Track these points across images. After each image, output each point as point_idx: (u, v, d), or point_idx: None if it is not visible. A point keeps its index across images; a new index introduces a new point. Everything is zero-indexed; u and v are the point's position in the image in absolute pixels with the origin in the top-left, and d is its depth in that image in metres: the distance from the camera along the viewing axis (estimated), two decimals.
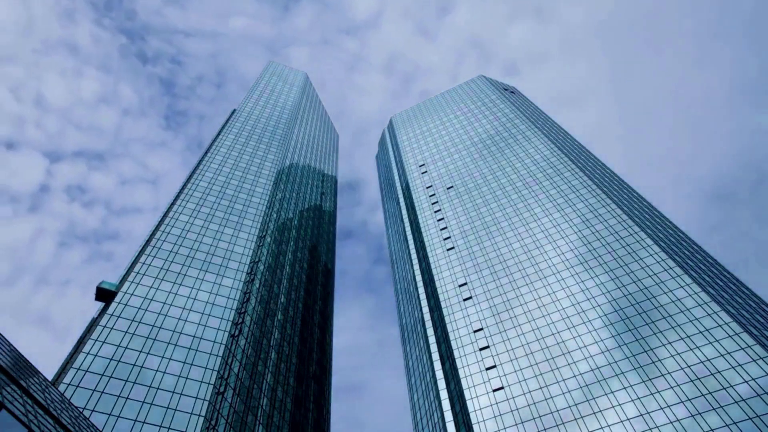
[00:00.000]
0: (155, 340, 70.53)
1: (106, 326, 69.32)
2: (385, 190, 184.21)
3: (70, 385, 59.77)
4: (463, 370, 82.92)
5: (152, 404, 61.85)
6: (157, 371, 66.17)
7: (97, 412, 58.09)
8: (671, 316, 74.89)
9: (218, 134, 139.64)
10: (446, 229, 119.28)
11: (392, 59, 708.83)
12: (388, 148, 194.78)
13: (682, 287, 78.15)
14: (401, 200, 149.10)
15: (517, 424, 71.55)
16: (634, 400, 67.18)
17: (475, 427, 73.37)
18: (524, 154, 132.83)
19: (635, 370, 70.57)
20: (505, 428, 71.70)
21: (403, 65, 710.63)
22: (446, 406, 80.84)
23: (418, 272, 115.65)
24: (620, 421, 65.71)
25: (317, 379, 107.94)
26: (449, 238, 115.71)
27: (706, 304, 73.99)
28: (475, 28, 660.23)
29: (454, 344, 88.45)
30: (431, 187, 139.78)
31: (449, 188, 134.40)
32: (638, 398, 67.07)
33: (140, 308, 74.41)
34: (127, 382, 63.13)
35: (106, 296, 75.39)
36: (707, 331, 70.40)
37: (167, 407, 62.18)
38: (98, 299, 75.60)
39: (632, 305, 79.40)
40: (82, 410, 56.38)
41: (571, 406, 70.55)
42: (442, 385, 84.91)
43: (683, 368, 67.62)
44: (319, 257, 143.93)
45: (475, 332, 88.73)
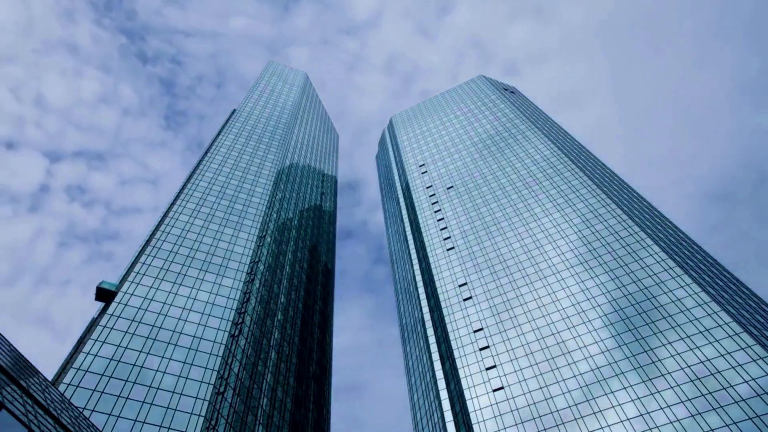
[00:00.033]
0: (155, 340, 70.54)
1: (106, 326, 69.32)
2: (385, 190, 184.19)
3: (70, 385, 59.77)
4: (463, 370, 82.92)
5: (152, 404, 61.86)
6: (157, 371, 66.18)
7: (97, 412, 58.10)
8: (671, 316, 74.89)
9: (218, 134, 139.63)
10: (446, 229, 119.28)
11: (392, 59, 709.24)
12: (388, 148, 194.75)
13: (682, 287, 78.15)
14: (401, 200, 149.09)
15: (517, 424, 71.55)
16: (634, 400, 67.18)
17: (475, 427, 73.36)
18: (524, 154, 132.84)
19: (635, 370, 70.56)
20: (505, 428, 71.69)
21: (403, 65, 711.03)
22: (446, 406, 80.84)
23: (418, 272, 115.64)
24: (620, 421, 65.71)
25: (317, 379, 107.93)
26: (449, 238, 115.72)
27: (706, 304, 73.99)
28: (475, 28, 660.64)
29: (454, 344, 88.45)
30: (431, 187, 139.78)
31: (449, 188, 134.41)
32: (638, 398, 67.07)
33: (140, 308, 74.41)
34: (127, 382, 63.14)
35: (106, 296, 75.51)
36: (707, 331, 70.41)
37: (167, 407, 62.18)
38: (98, 299, 75.57)
39: (632, 305, 79.40)
40: (82, 410, 56.37)
41: (571, 406, 70.55)
42: (442, 385, 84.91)
43: (683, 368, 67.63)
44: (319, 257, 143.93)
45: (475, 332, 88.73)
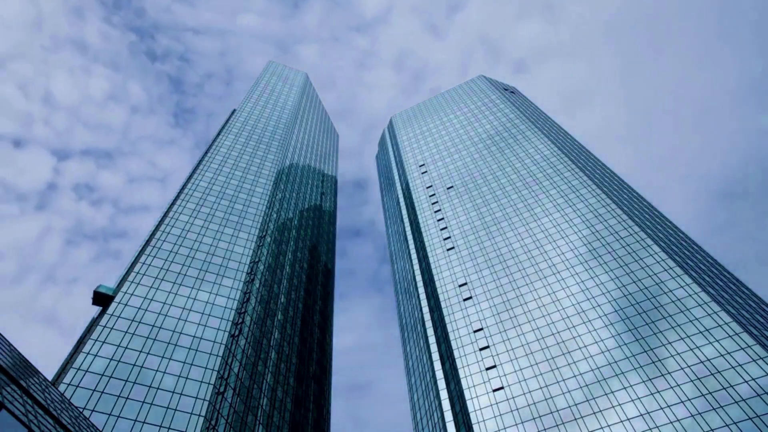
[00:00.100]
0: (155, 340, 70.50)
1: (106, 326, 69.30)
2: (385, 189, 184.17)
3: (70, 385, 59.75)
4: (463, 370, 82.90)
5: (152, 404, 61.84)
6: (157, 371, 66.15)
7: (97, 412, 58.08)
8: (671, 316, 74.88)
9: (218, 134, 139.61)
10: (446, 229, 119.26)
11: (402, 56, 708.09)
12: (388, 147, 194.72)
13: (682, 287, 78.14)
14: (401, 200, 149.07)
15: (517, 424, 71.53)
16: (634, 400, 67.17)
17: (475, 427, 73.34)
18: (524, 154, 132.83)
19: (635, 370, 70.55)
20: (505, 428, 71.67)
21: (412, 62, 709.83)
22: (446, 406, 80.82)
23: (418, 272, 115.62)
24: (620, 421, 65.70)
25: (317, 379, 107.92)
26: (449, 238, 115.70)
27: (706, 304, 73.98)
28: (484, 25, 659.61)
29: (454, 344, 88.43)
30: (431, 187, 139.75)
31: (449, 188, 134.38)
32: (638, 398, 67.06)
33: (140, 308, 74.36)
34: (127, 382, 63.11)
35: (103, 300, 74.55)
36: (707, 331, 70.39)
37: (167, 407, 62.16)
38: (95, 303, 74.22)
39: (632, 305, 79.39)
40: (82, 410, 56.36)
41: (571, 406, 70.53)
42: (442, 385, 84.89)
43: (683, 368, 67.61)
44: (319, 257, 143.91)
45: (475, 332, 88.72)
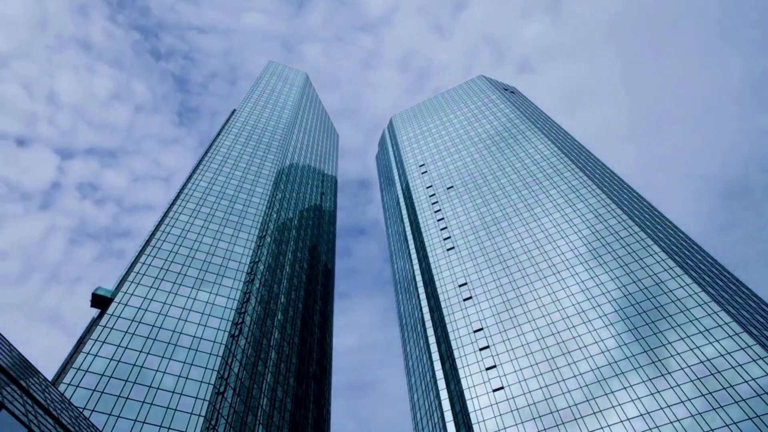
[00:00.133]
0: (155, 340, 70.50)
1: (106, 326, 69.29)
2: (385, 189, 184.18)
3: (70, 385, 59.75)
4: (463, 370, 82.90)
5: (152, 404, 61.84)
6: (157, 371, 66.15)
7: (97, 412, 58.08)
8: (671, 316, 74.88)
9: (218, 134, 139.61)
10: (446, 229, 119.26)
11: (406, 56, 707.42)
12: (387, 147, 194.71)
13: (682, 287, 78.13)
14: (401, 200, 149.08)
15: (517, 424, 71.53)
16: (634, 400, 67.16)
17: (475, 427, 73.34)
18: (524, 154, 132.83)
19: (635, 370, 70.55)
20: (505, 428, 71.67)
21: (417, 62, 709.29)
22: (446, 406, 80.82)
23: (418, 272, 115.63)
24: (620, 420, 65.70)
25: (317, 379, 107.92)
26: (449, 238, 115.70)
27: (706, 304, 73.97)
28: (489, 25, 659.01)
29: (454, 344, 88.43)
30: (431, 187, 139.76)
31: (449, 188, 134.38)
32: (638, 398, 67.06)
33: (140, 308, 74.35)
34: (127, 382, 63.11)
35: (101, 303, 73.99)
36: (707, 331, 70.39)
37: (167, 407, 62.16)
38: (94, 306, 73.58)
39: (632, 305, 79.39)
40: (82, 410, 56.36)
41: (571, 405, 70.53)
42: (442, 385, 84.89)
43: (683, 368, 67.61)
44: (319, 257, 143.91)
45: (475, 332, 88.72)
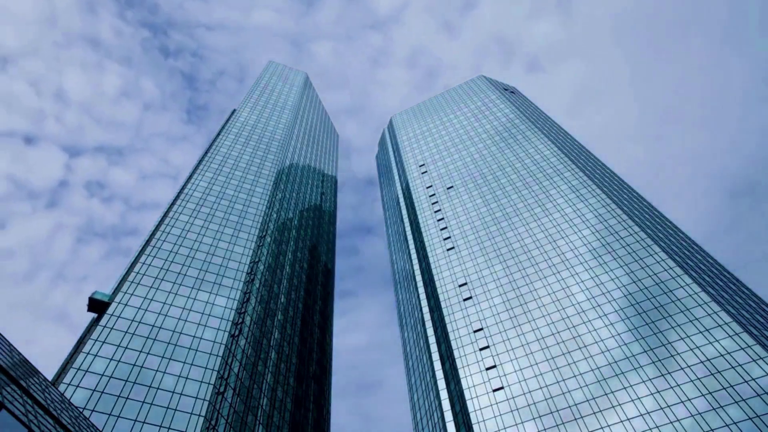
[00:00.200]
0: (155, 340, 70.51)
1: (106, 326, 69.30)
2: (385, 189, 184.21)
3: (70, 385, 59.76)
4: (463, 370, 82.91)
5: (152, 404, 61.84)
6: (157, 371, 66.16)
7: (97, 412, 58.09)
8: (671, 316, 74.88)
9: (218, 134, 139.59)
10: (446, 229, 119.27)
11: (415, 54, 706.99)
12: (388, 147, 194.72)
13: (682, 287, 78.14)
14: (401, 200, 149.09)
15: (517, 424, 71.54)
16: (634, 400, 67.18)
17: (475, 427, 73.35)
18: (524, 154, 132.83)
19: (635, 370, 70.56)
20: (505, 428, 71.68)
21: (426, 60, 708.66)
22: (446, 406, 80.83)
23: (418, 272, 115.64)
24: (621, 420, 65.72)
25: (317, 379, 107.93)
26: (449, 238, 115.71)
27: (706, 304, 73.98)
28: (497, 23, 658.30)
29: (454, 344, 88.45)
30: (431, 186, 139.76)
31: (449, 188, 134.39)
32: (639, 398, 67.08)
33: (140, 308, 74.35)
34: (127, 382, 63.12)
35: (99, 307, 73.24)
36: (707, 331, 70.39)
37: (167, 407, 62.17)
38: (90, 310, 72.75)
39: (632, 305, 79.41)
40: (82, 410, 56.36)
41: (571, 405, 70.55)
42: (442, 385, 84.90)
43: (683, 368, 67.62)
44: (319, 257, 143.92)
45: (475, 332, 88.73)
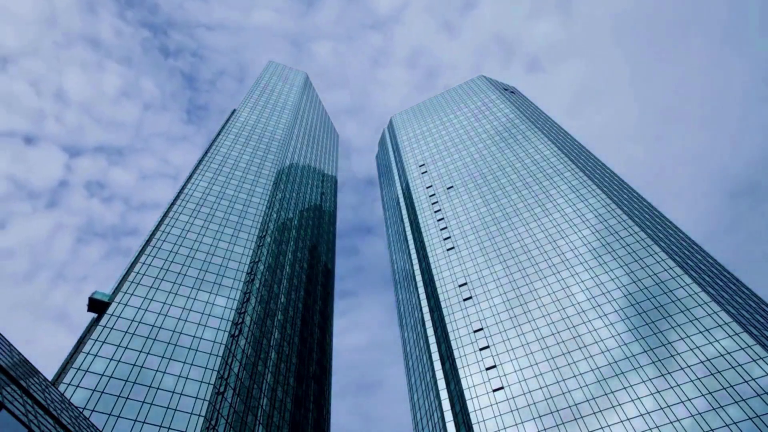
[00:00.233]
0: (155, 340, 70.51)
1: (106, 326, 69.30)
2: (385, 189, 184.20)
3: (70, 385, 59.76)
4: (463, 370, 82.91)
5: (152, 404, 61.84)
6: (157, 371, 66.16)
7: (97, 412, 58.09)
8: (671, 316, 74.89)
9: (218, 134, 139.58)
10: (446, 229, 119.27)
11: (415, 54, 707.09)
12: (388, 147, 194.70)
13: (682, 287, 78.14)
14: (401, 200, 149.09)
15: (517, 424, 71.55)
16: (634, 399, 67.19)
17: (475, 427, 73.35)
18: (524, 154, 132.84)
19: (635, 370, 70.57)
20: (505, 428, 71.68)
21: (426, 60, 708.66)
22: (446, 406, 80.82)
23: (418, 272, 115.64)
24: (621, 420, 65.72)
25: (317, 379, 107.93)
26: (449, 238, 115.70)
27: (706, 304, 73.98)
28: (497, 23, 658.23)
29: (454, 344, 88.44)
30: (431, 186, 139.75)
31: (449, 188, 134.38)
32: (639, 398, 67.08)
33: (140, 308, 74.36)
34: (127, 382, 63.12)
35: (99, 307, 73.25)
36: (707, 331, 70.39)
37: (167, 407, 62.17)
38: (90, 310, 72.77)
39: (632, 305, 79.42)
40: (82, 410, 56.36)
41: (571, 405, 70.56)
42: (442, 385, 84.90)
43: (683, 368, 67.62)
44: (319, 257, 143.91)
45: (475, 332, 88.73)
